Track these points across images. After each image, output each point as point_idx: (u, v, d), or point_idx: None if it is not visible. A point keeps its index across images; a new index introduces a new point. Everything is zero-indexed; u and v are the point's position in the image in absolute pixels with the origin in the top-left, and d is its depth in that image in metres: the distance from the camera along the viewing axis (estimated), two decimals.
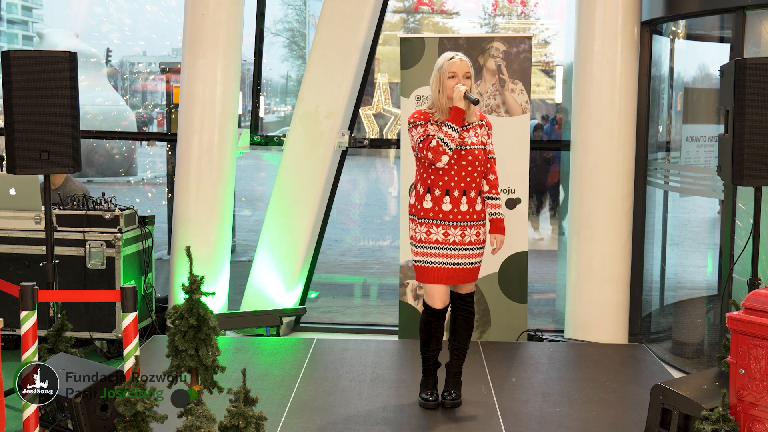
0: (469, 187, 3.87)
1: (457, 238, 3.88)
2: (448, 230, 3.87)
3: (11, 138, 4.04)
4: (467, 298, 4.03)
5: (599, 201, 5.17)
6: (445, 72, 3.84)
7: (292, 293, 5.63)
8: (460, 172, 3.86)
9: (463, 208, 3.87)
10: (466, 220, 3.88)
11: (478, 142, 3.90)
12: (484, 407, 4.07)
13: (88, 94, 15.78)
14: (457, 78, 3.83)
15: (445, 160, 3.79)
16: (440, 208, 3.86)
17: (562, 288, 5.65)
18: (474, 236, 3.91)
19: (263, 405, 3.50)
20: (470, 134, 3.90)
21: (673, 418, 3.42)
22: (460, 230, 3.88)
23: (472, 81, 3.90)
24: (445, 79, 3.84)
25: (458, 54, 3.89)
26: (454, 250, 3.88)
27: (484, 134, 3.96)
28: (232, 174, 5.65)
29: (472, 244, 3.91)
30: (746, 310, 3.20)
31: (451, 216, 3.87)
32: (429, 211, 3.88)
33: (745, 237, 4.36)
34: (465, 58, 3.88)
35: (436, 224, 3.88)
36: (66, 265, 4.85)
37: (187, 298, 3.15)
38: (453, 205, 3.86)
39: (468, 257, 3.91)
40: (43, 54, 4.06)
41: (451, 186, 3.85)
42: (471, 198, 3.88)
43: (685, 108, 5.41)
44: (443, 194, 3.86)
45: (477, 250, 3.94)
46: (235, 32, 5.55)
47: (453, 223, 3.87)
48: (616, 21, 5.10)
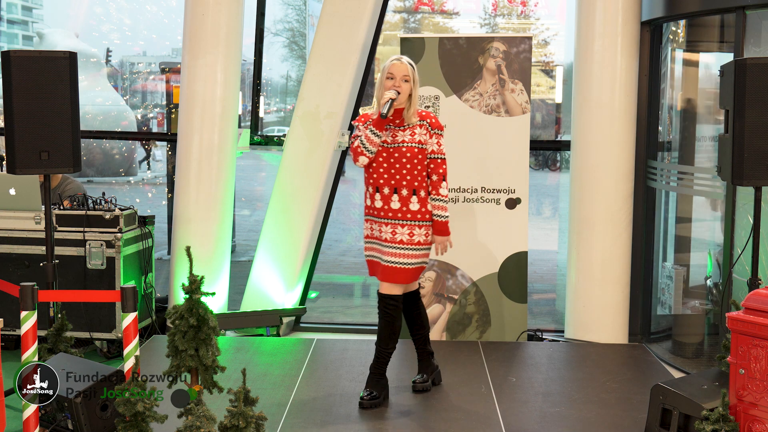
0: (399, 185, 3.93)
1: (388, 236, 3.95)
2: (381, 227, 3.98)
3: (11, 138, 4.04)
4: (412, 296, 4.16)
5: (599, 201, 5.17)
6: (384, 73, 3.95)
7: (292, 293, 5.63)
8: (389, 169, 3.94)
9: (394, 205, 3.94)
10: (397, 218, 3.95)
11: (412, 141, 3.94)
12: (484, 407, 4.07)
13: (88, 94, 15.80)
14: (395, 80, 3.90)
15: (363, 161, 3.94)
16: (373, 204, 4.01)
17: (562, 288, 5.65)
18: (406, 235, 3.93)
19: (263, 405, 3.50)
20: (405, 133, 3.96)
21: (673, 418, 3.43)
22: (392, 228, 3.95)
23: (413, 85, 3.94)
24: (383, 79, 3.94)
25: (403, 57, 3.98)
26: (385, 247, 3.96)
27: (424, 134, 3.97)
28: (232, 174, 5.65)
29: (404, 243, 3.93)
30: (746, 310, 3.20)
31: (382, 213, 3.97)
32: (368, 208, 4.05)
33: (744, 237, 4.36)
34: (406, 61, 3.95)
35: (373, 220, 4.03)
36: (66, 265, 4.85)
37: (187, 298, 3.15)
38: (384, 202, 3.97)
39: (396, 256, 3.93)
40: (43, 54, 4.06)
41: (380, 183, 3.96)
42: (403, 196, 3.93)
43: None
44: (375, 191, 3.99)
45: (411, 251, 3.94)
46: (235, 32, 5.55)
47: (384, 220, 3.97)
48: (616, 21, 5.10)
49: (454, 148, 5.21)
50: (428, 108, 5.22)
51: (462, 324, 5.29)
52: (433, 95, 5.22)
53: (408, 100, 3.96)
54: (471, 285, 5.26)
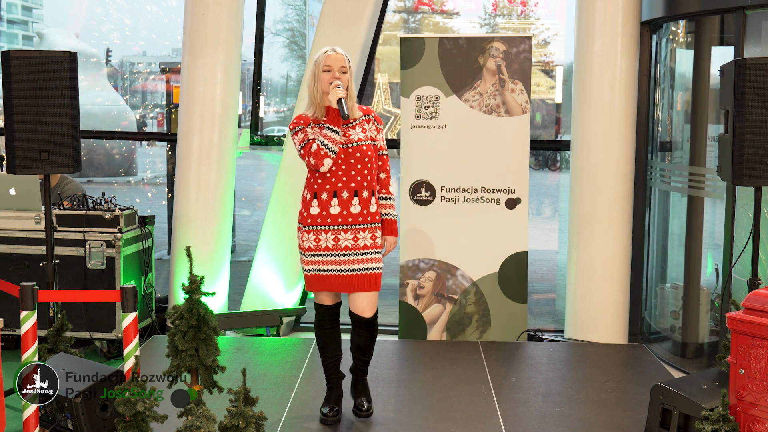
0: (360, 186, 3.64)
1: (350, 243, 3.65)
2: (338, 235, 3.64)
3: (11, 138, 4.03)
4: (374, 321, 3.81)
5: (599, 201, 5.17)
6: (320, 65, 3.64)
7: (292, 293, 5.63)
8: (349, 171, 3.63)
9: (354, 210, 3.63)
10: (358, 223, 3.65)
11: (365, 137, 3.68)
12: (484, 407, 4.07)
13: (88, 94, 15.80)
14: (332, 72, 3.62)
15: (328, 164, 3.59)
16: (328, 212, 3.63)
17: (562, 288, 5.65)
18: (369, 240, 3.67)
19: (263, 405, 3.50)
20: (356, 130, 3.69)
21: (673, 418, 3.43)
22: (352, 234, 3.65)
23: (350, 76, 3.67)
24: (320, 73, 3.63)
25: (335, 47, 3.69)
26: (348, 256, 3.65)
27: (373, 129, 3.73)
28: (232, 174, 5.65)
29: (368, 248, 3.67)
30: (746, 310, 3.20)
31: (340, 219, 3.63)
32: (317, 217, 3.64)
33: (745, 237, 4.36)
34: (341, 52, 3.68)
35: (325, 230, 3.64)
36: (66, 265, 4.85)
37: (187, 298, 3.15)
38: (342, 207, 3.63)
39: (363, 262, 3.67)
40: (43, 54, 4.06)
41: (338, 187, 3.62)
42: (364, 198, 3.65)
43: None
44: (331, 197, 3.62)
45: (375, 254, 3.69)
46: (235, 32, 5.55)
47: (343, 227, 3.64)
48: (616, 21, 5.10)
49: (454, 148, 5.22)
50: (428, 108, 5.22)
51: (462, 324, 5.29)
52: (433, 95, 5.22)
53: (346, 92, 3.64)
54: (471, 285, 5.26)
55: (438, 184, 5.25)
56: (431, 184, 5.24)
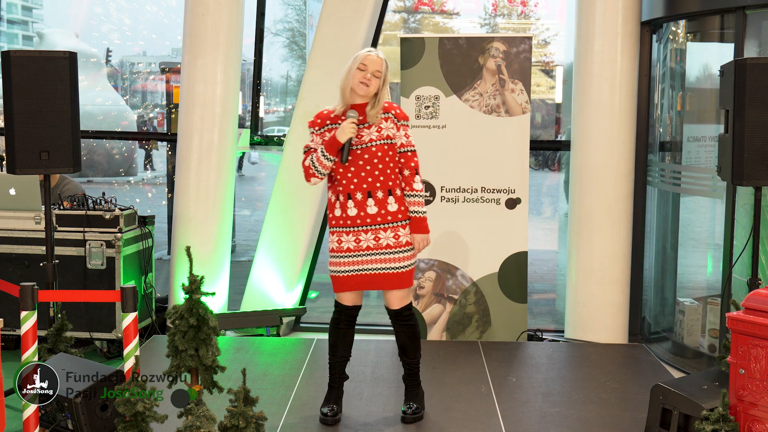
0: (372, 187, 3.64)
1: (371, 243, 3.66)
2: (359, 236, 3.66)
3: (11, 138, 4.04)
4: (403, 313, 3.79)
5: (599, 201, 5.17)
6: (356, 62, 3.65)
7: (292, 293, 5.63)
8: (359, 173, 3.64)
9: (370, 210, 3.64)
10: (377, 223, 3.65)
11: (380, 137, 3.65)
12: (484, 407, 4.07)
13: (88, 94, 15.80)
14: (366, 71, 3.61)
15: (314, 182, 3.70)
16: (347, 214, 3.66)
17: (562, 288, 5.65)
18: (392, 239, 3.67)
19: (263, 405, 3.50)
20: (371, 131, 3.67)
21: (673, 418, 3.43)
22: (373, 234, 3.66)
23: (382, 81, 3.66)
24: (354, 69, 3.64)
25: (379, 52, 3.69)
26: (369, 256, 3.67)
27: (391, 127, 3.68)
28: (232, 174, 5.65)
29: (391, 247, 3.67)
30: (746, 310, 3.20)
31: (359, 221, 3.65)
32: (339, 219, 3.68)
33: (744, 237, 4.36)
34: (382, 56, 3.67)
35: (346, 231, 3.67)
36: (66, 265, 4.85)
37: (187, 298, 3.15)
38: (358, 209, 3.64)
39: (386, 262, 3.67)
40: (43, 54, 4.06)
41: (351, 189, 3.64)
42: (379, 199, 3.65)
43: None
44: (347, 199, 3.65)
45: (399, 254, 3.69)
46: (235, 32, 5.55)
47: (363, 228, 3.65)
48: (616, 21, 5.10)
49: (453, 148, 5.22)
50: (428, 108, 5.22)
51: (462, 324, 5.29)
52: (433, 95, 5.22)
53: (374, 98, 3.66)
54: (471, 285, 5.26)
55: (438, 184, 5.25)
56: (431, 184, 5.24)
